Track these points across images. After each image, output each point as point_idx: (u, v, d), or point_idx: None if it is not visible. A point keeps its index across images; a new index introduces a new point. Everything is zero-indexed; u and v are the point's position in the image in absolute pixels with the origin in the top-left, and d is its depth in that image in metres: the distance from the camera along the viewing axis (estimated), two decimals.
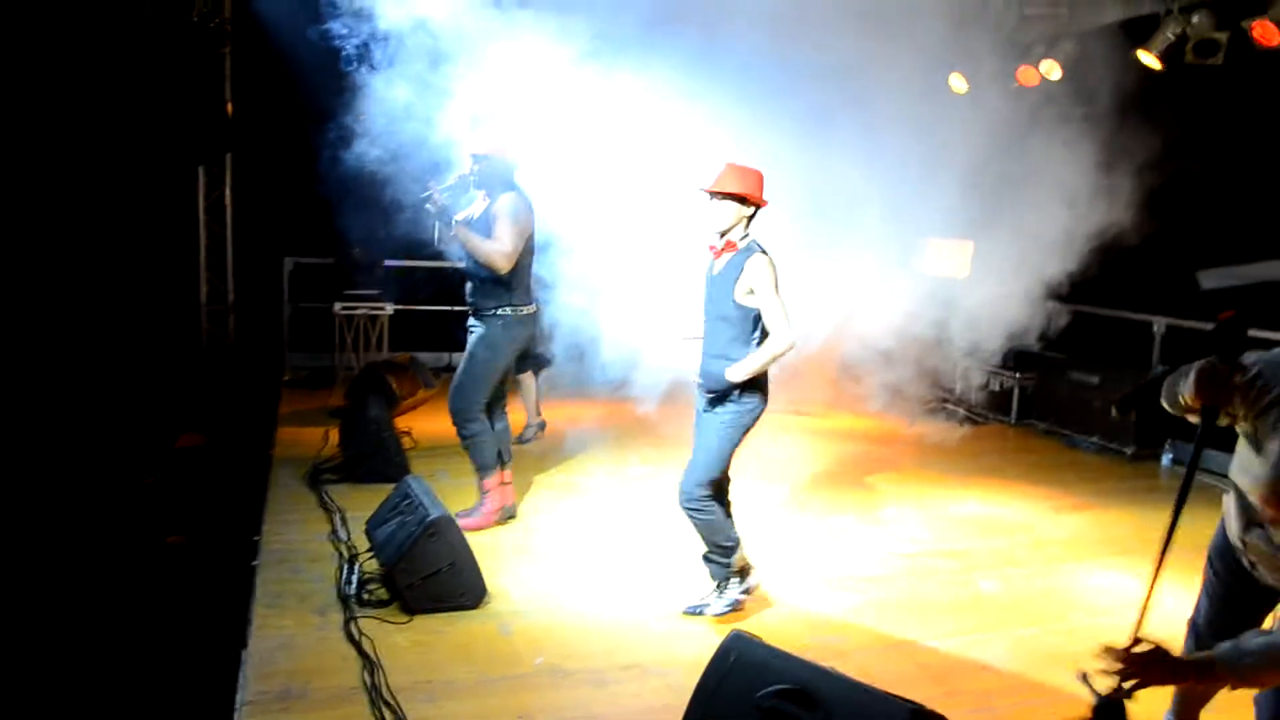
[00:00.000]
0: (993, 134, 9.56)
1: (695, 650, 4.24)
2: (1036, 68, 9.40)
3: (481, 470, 5.90)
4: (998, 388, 9.88)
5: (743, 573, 4.80)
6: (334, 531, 5.72)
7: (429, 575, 4.66)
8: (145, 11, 9.61)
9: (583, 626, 4.67)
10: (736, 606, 4.78)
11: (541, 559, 5.54)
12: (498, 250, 5.54)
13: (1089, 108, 8.81)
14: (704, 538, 4.73)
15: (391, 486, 5.48)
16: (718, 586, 4.81)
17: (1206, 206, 8.79)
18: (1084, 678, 2.74)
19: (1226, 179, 8.65)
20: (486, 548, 5.45)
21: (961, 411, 9.89)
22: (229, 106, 10.35)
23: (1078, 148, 8.78)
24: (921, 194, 10.77)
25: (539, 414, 8.23)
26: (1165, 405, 3.07)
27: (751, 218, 4.53)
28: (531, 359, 7.85)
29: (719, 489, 4.70)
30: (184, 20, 9.76)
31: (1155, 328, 9.02)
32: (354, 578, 4.90)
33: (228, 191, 10.59)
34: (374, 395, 7.48)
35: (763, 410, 4.59)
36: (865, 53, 8.33)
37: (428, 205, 5.63)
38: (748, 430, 4.58)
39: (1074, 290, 9.52)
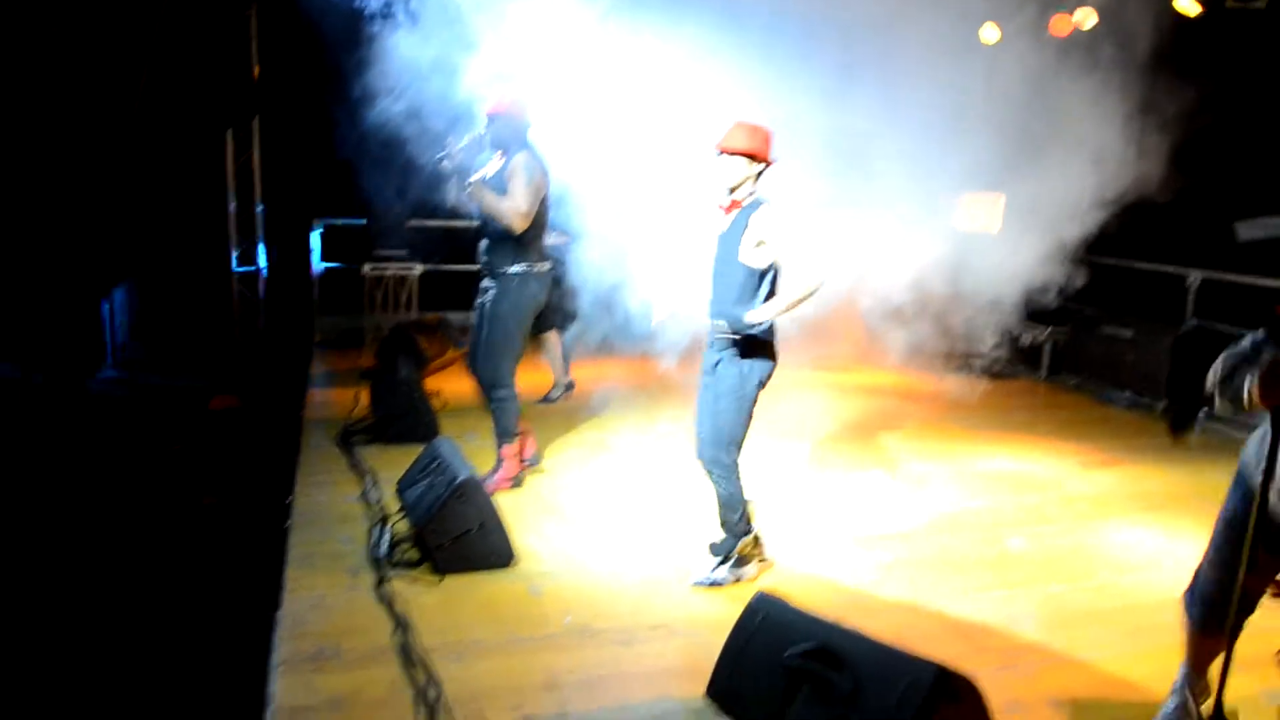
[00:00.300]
0: (1024, 85, 9.41)
1: (722, 610, 4.30)
2: (1070, 16, 9.21)
3: (503, 435, 5.92)
4: (1029, 342, 9.80)
5: (742, 560, 4.76)
6: (365, 493, 5.78)
7: (458, 536, 4.71)
8: None
9: (611, 586, 4.71)
10: (743, 578, 4.74)
11: (570, 519, 5.58)
12: (512, 208, 5.54)
13: (1125, 56, 8.63)
14: (721, 508, 4.70)
15: (422, 447, 5.55)
16: (730, 558, 4.75)
17: (1246, 156, 8.63)
18: None
19: (1268, 127, 8.47)
20: (515, 508, 5.51)
21: (992, 366, 9.81)
22: (255, 69, 10.34)
23: (1112, 98, 8.62)
24: (952, 148, 10.65)
25: (567, 373, 8.23)
26: (1224, 405, 2.89)
27: (760, 175, 4.48)
28: (555, 316, 7.86)
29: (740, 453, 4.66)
30: None
31: (1189, 280, 8.89)
32: (385, 539, 4.95)
33: (255, 155, 10.61)
34: (403, 356, 7.53)
35: (771, 371, 4.55)
36: (892, 5, 8.20)
37: (445, 163, 5.63)
38: (759, 390, 4.54)
39: (1107, 243, 9.39)
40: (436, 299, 10.36)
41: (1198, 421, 8.33)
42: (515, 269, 5.72)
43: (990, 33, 10.10)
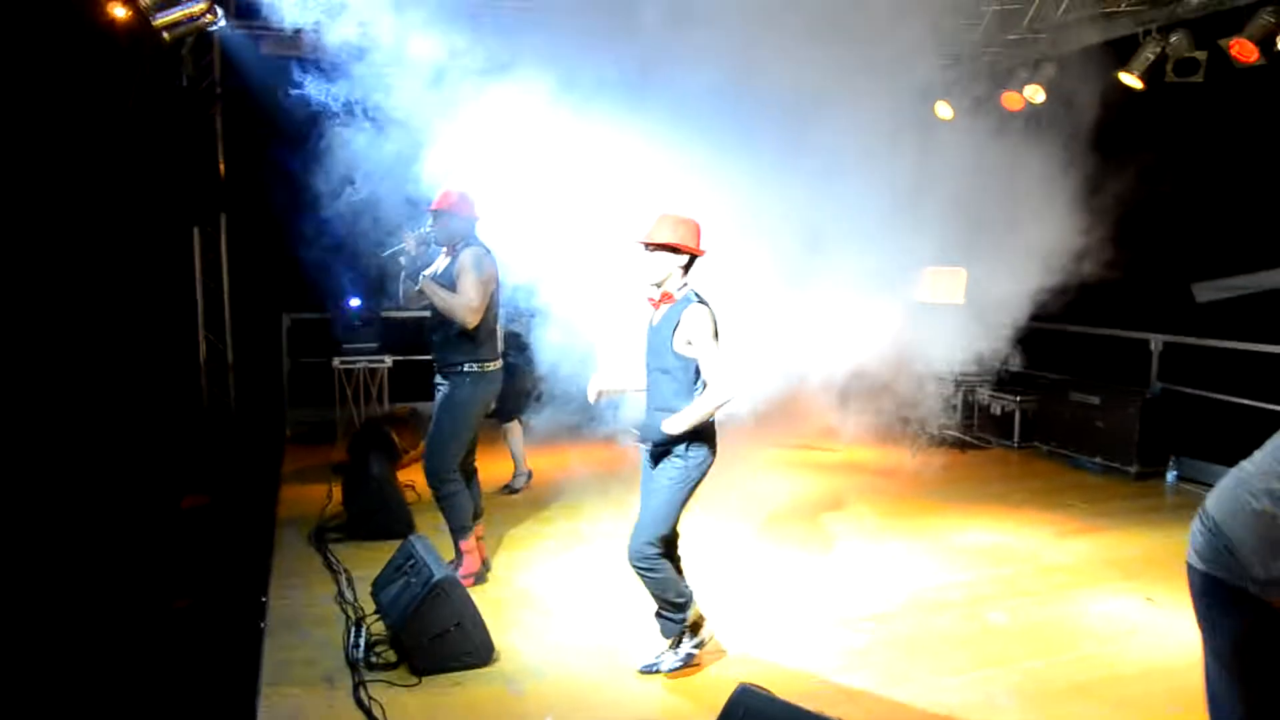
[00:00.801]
0: (980, 159, 9.64)
1: (706, 701, 4.26)
2: (1020, 92, 9.48)
3: (458, 531, 5.88)
4: (999, 411, 9.90)
5: (695, 627, 4.72)
6: (340, 593, 5.71)
7: (436, 636, 4.66)
8: (136, 79, 9.70)
9: (591, 680, 4.66)
10: (690, 662, 4.71)
11: (547, 612, 5.53)
12: (463, 304, 5.57)
13: (1074, 129, 8.89)
14: (655, 595, 4.64)
15: (396, 544, 5.50)
16: (671, 644, 4.72)
17: (1198, 222, 8.84)
18: None
19: (1216, 193, 8.70)
20: (493, 603, 5.45)
21: (965, 437, 9.89)
22: (221, 167, 10.43)
23: (1066, 169, 8.85)
24: (912, 223, 10.85)
25: (525, 463, 8.20)
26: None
27: (688, 267, 4.50)
28: (519, 404, 7.86)
29: (668, 545, 4.63)
30: (173, 85, 9.85)
31: (1153, 345, 9.05)
32: (361, 640, 4.89)
33: (223, 251, 10.65)
34: (375, 452, 7.49)
35: (710, 463, 4.52)
36: (846, 86, 8.38)
37: (400, 259, 5.70)
38: (696, 484, 4.51)
39: (1070, 311, 9.56)
40: (407, 390, 10.33)
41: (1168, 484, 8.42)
42: (467, 368, 5.74)
43: (944, 109, 10.36)
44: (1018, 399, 9.74)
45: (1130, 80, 8.47)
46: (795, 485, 8.31)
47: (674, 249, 4.43)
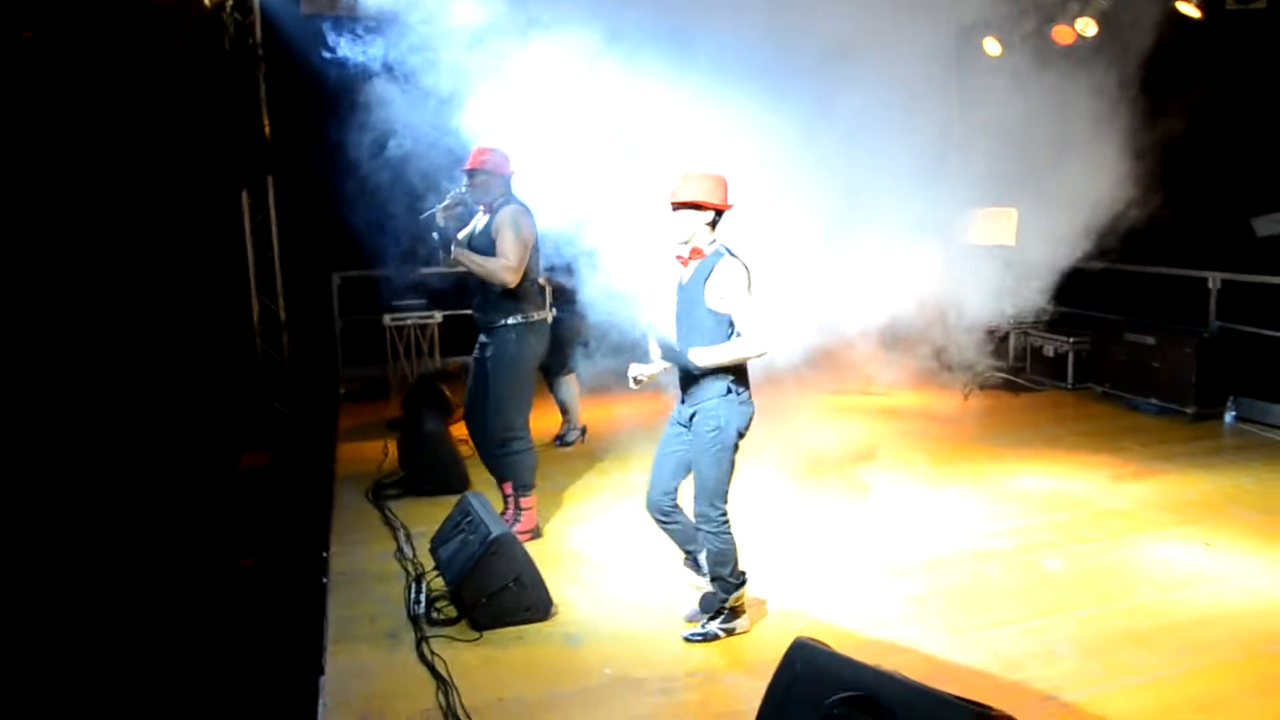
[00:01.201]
0: (1029, 96, 9.45)
1: (762, 654, 4.30)
2: (1071, 25, 9.24)
3: (521, 488, 5.93)
4: (1052, 353, 9.77)
5: (734, 612, 4.64)
6: (399, 549, 5.82)
7: (494, 593, 4.74)
8: (179, 44, 9.76)
9: (648, 633, 4.72)
10: (710, 639, 4.61)
11: (603, 566, 5.60)
12: (503, 265, 5.58)
13: (1128, 62, 8.66)
14: (712, 564, 4.59)
15: (452, 498, 5.60)
16: (708, 615, 4.66)
17: (1257, 155, 8.62)
18: None
19: (1276, 124, 8.46)
20: (549, 557, 5.54)
21: (1018, 380, 9.79)
22: (266, 129, 10.48)
23: (1118, 104, 8.64)
24: (962, 163, 10.68)
25: (579, 417, 8.25)
26: None
27: (716, 223, 4.45)
28: (569, 358, 7.91)
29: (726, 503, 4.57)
30: (216, 49, 9.89)
31: (1210, 283, 8.87)
32: (421, 597, 4.99)
33: (272, 212, 10.74)
34: (429, 409, 7.58)
35: (749, 417, 4.47)
36: (888, 24, 8.21)
37: (432, 232, 5.70)
38: (741, 436, 4.47)
39: (1124, 250, 9.38)
40: (458, 345, 10.40)
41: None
42: (511, 321, 5.75)
43: (992, 46, 10.14)
44: (1071, 340, 9.61)
45: (1187, 9, 8.22)
46: (845, 432, 8.29)
47: (698, 206, 4.38)
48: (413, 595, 5.06)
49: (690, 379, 4.45)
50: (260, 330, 10.90)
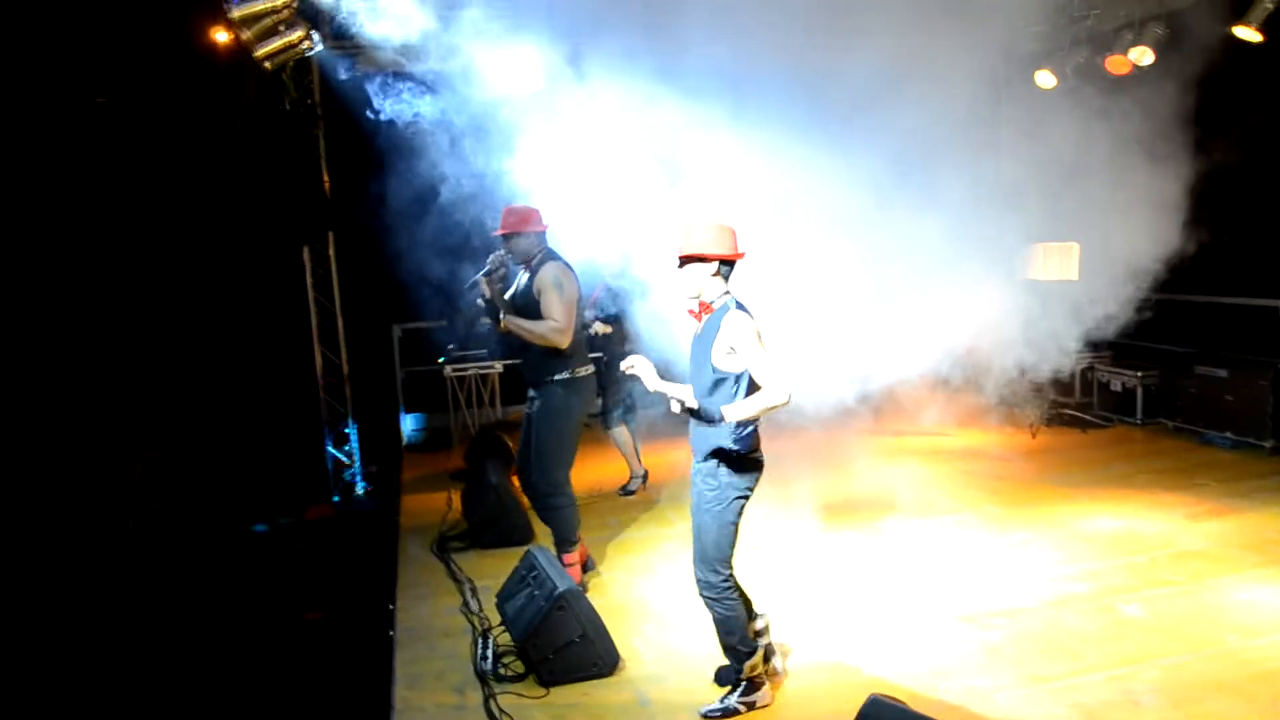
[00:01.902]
0: (1085, 127, 9.35)
1: (836, 710, 4.23)
2: (1126, 55, 9.13)
3: (562, 544, 5.90)
4: (1120, 388, 9.57)
5: (753, 684, 4.46)
6: (465, 604, 5.82)
7: (561, 648, 4.72)
8: (241, 104, 10.01)
9: (717, 688, 4.64)
10: (729, 714, 4.43)
11: (670, 619, 5.53)
12: (550, 328, 5.60)
13: (1186, 89, 8.53)
14: (720, 633, 4.43)
15: (517, 550, 5.61)
16: (727, 689, 4.50)
17: None
18: None
19: None
20: (614, 610, 5.50)
21: (1086, 417, 9.59)
22: (326, 185, 10.68)
23: (1179, 132, 8.51)
24: (1021, 198, 10.57)
25: (640, 464, 8.23)
26: None
27: (726, 274, 4.30)
28: (620, 408, 7.90)
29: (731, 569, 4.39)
30: (277, 109, 10.13)
31: None
32: (489, 653, 4.98)
33: (333, 266, 10.91)
34: (492, 460, 7.60)
35: (753, 483, 4.29)
36: (939, 59, 8.17)
37: (478, 301, 5.75)
38: (742, 505, 4.28)
39: (1191, 280, 9.21)
40: (519, 394, 10.46)
41: None
42: (558, 377, 5.75)
43: (1045, 78, 10.07)
44: (1139, 374, 9.40)
45: (1247, 34, 8.08)
46: (910, 474, 8.17)
47: (703, 258, 4.25)
48: (479, 651, 5.05)
49: (697, 436, 4.31)
50: (324, 383, 11.04)
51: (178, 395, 10.01)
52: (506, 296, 5.82)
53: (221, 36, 8.10)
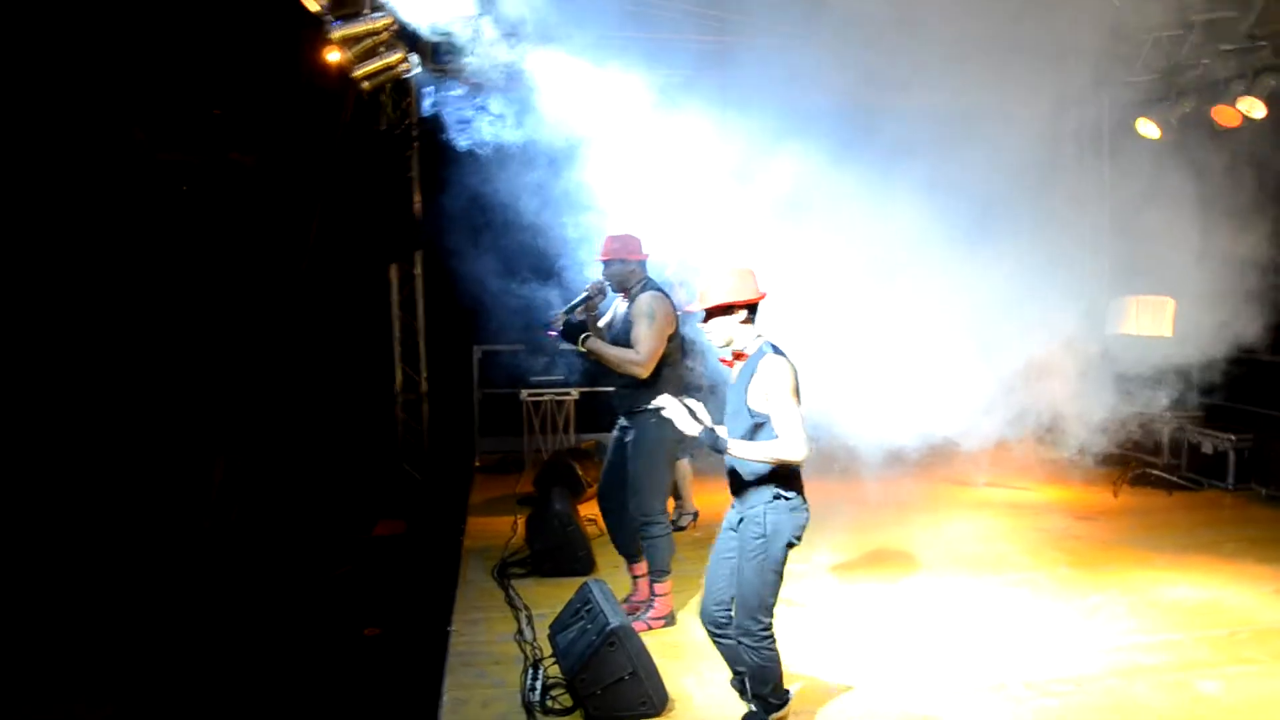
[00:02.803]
0: (1190, 180, 9.10)
1: None
2: (1235, 106, 8.85)
3: (656, 574, 5.87)
4: (1211, 450, 9.20)
5: None
6: (519, 631, 5.81)
7: (610, 684, 4.67)
8: (340, 124, 10.28)
9: None
10: None
11: (719, 658, 5.44)
12: (632, 359, 5.57)
13: None
14: (751, 682, 4.31)
15: (577, 581, 5.57)
16: None
17: None
18: None
19: None
20: (666, 648, 5.44)
21: (1172, 478, 9.25)
22: (417, 206, 10.89)
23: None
24: (1115, 249, 10.32)
25: (691, 501, 8.16)
26: None
27: (749, 319, 4.24)
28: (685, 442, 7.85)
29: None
30: (373, 129, 10.37)
31: None
32: (537, 684, 4.96)
33: (419, 286, 11.10)
34: (558, 488, 7.61)
35: (805, 522, 4.22)
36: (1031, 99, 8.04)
37: (557, 317, 5.74)
38: (792, 546, 4.21)
39: None
40: (593, 422, 10.51)
41: None
42: (654, 406, 5.71)
43: (1148, 128, 9.83)
44: (1233, 437, 9.01)
45: None
46: (985, 527, 7.97)
47: (729, 308, 4.20)
48: (528, 681, 5.03)
49: (738, 482, 4.25)
50: (402, 400, 11.21)
51: (262, 404, 10.26)
52: (601, 324, 5.83)
53: (334, 56, 8.30)
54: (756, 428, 4.12)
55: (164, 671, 6.38)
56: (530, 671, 5.13)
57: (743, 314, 4.22)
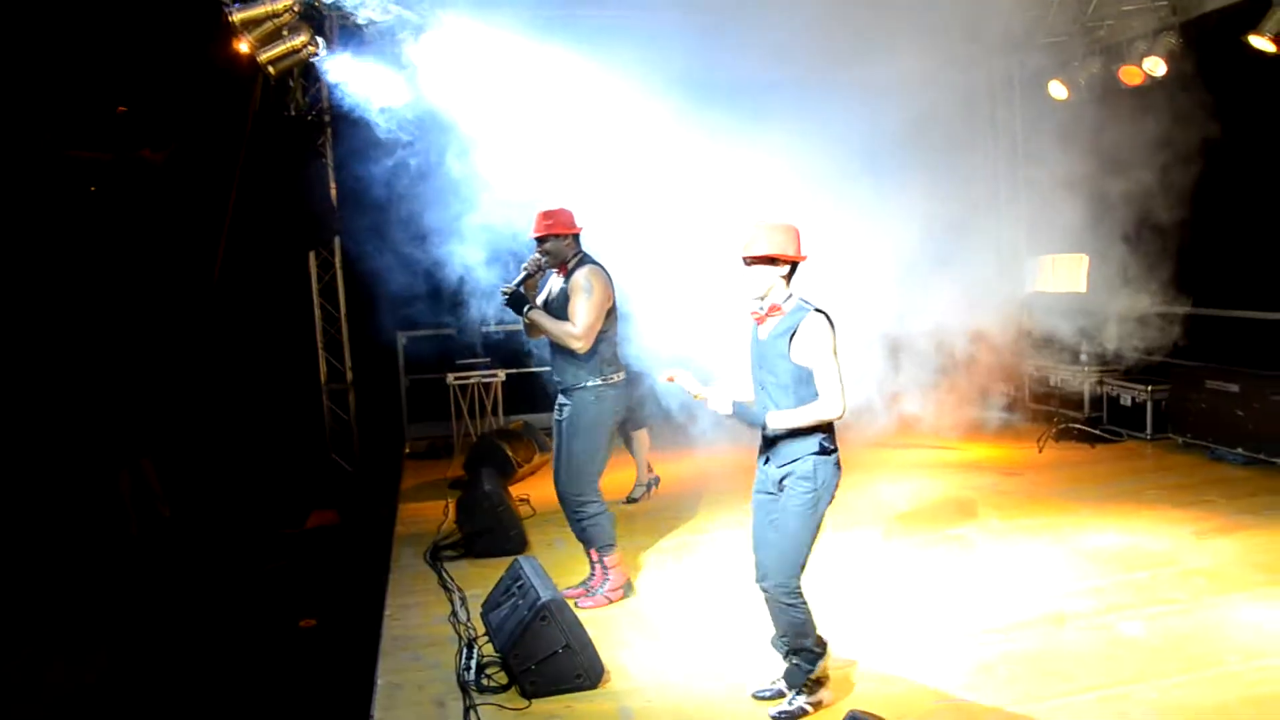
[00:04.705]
0: (1097, 138, 9.28)
1: None
2: (1139, 65, 9.03)
3: (603, 549, 5.81)
4: (1129, 403, 9.41)
5: (819, 683, 4.40)
6: (453, 613, 5.74)
7: (544, 659, 4.63)
8: (249, 113, 10.03)
9: (704, 702, 4.55)
10: (799, 715, 4.36)
11: (658, 630, 5.44)
12: (569, 332, 5.53)
13: (1199, 100, 8.43)
14: (790, 637, 4.35)
15: (510, 560, 5.50)
16: (794, 690, 4.40)
17: None
18: None
19: None
20: (601, 622, 5.41)
21: (1094, 431, 9.45)
22: (333, 192, 10.68)
23: (1191, 144, 8.42)
24: (1031, 210, 10.49)
25: (650, 471, 8.16)
26: None
27: (791, 275, 4.28)
28: (643, 414, 7.84)
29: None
30: (283, 116, 10.13)
31: None
32: (472, 663, 4.90)
33: (339, 273, 10.91)
34: (488, 469, 7.54)
35: (838, 481, 4.27)
36: (955, 66, 8.10)
37: (502, 292, 5.69)
38: (827, 505, 4.25)
39: (1203, 294, 9.08)
40: (521, 403, 10.44)
41: None
42: (590, 383, 5.67)
43: (1058, 89, 9.98)
44: (1149, 388, 9.23)
45: (1261, 43, 7.97)
46: (913, 487, 8.05)
47: (773, 260, 4.22)
48: (463, 661, 4.97)
49: (776, 437, 4.25)
50: (328, 390, 11.02)
51: (185, 402, 10.02)
52: (540, 301, 5.75)
53: (244, 48, 8.07)
54: (800, 379, 4.16)
55: (104, 672, 6.22)
56: (465, 651, 5.07)
57: (785, 269, 4.24)
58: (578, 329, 5.52)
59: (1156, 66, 8.90)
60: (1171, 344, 9.22)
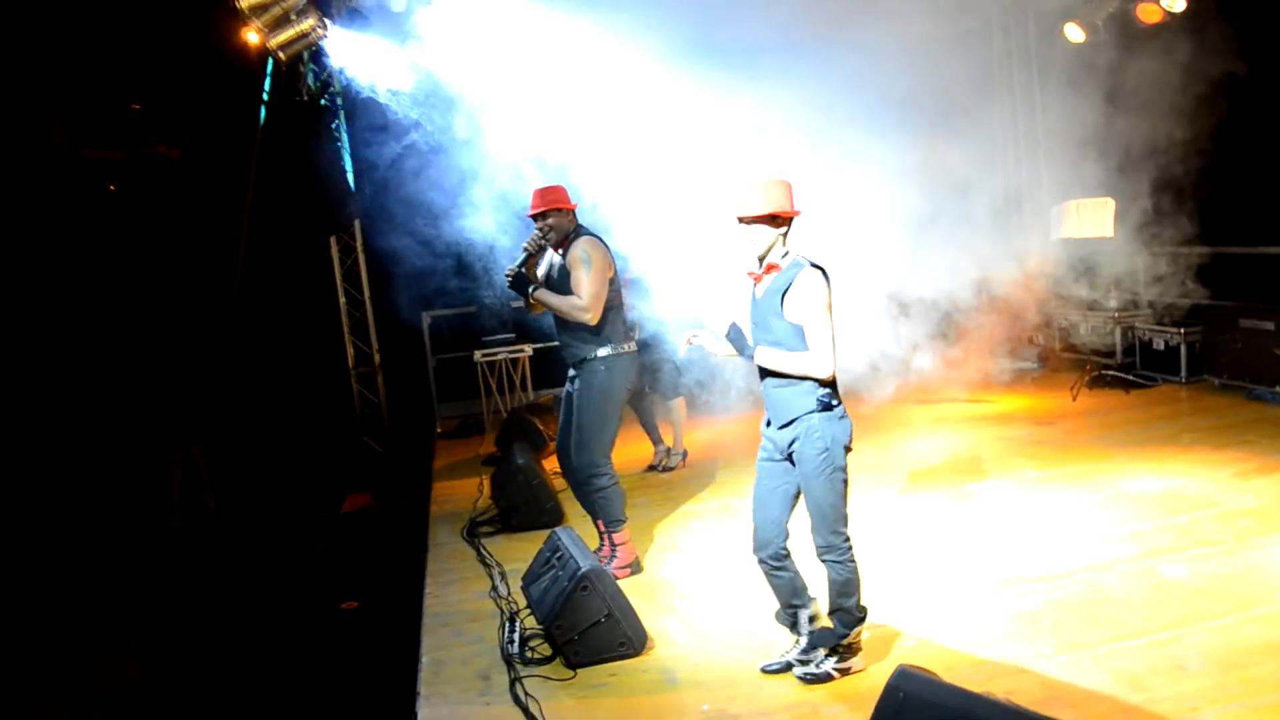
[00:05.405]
0: (1117, 79, 9.10)
1: (864, 685, 4.14)
2: (1158, 3, 8.85)
3: (611, 524, 5.81)
4: (1162, 346, 9.29)
5: (851, 649, 4.35)
6: (493, 588, 5.76)
7: (586, 629, 4.64)
8: (261, 100, 10.01)
9: (746, 665, 4.54)
10: (823, 680, 4.30)
11: (697, 596, 5.45)
12: (576, 305, 5.52)
13: (1222, 36, 8.25)
14: (836, 595, 4.29)
15: (545, 533, 5.51)
16: (825, 653, 4.36)
17: None
18: None
19: None
20: (642, 589, 5.43)
21: (1128, 377, 9.34)
22: (350, 176, 10.66)
23: (1216, 81, 8.24)
24: (1052, 155, 10.33)
25: (681, 442, 8.16)
26: None
27: (787, 233, 4.23)
28: (677, 380, 7.83)
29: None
30: (293, 101, 10.11)
31: None
32: (515, 636, 4.92)
33: (360, 257, 10.92)
34: (520, 443, 7.55)
35: (852, 427, 4.22)
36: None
37: (506, 276, 5.68)
38: (849, 451, 4.21)
39: (1233, 232, 8.92)
40: (550, 378, 10.45)
41: None
42: (600, 354, 5.66)
43: (1074, 31, 9.82)
44: (1182, 331, 9.11)
45: None
46: (949, 441, 8.00)
47: (771, 218, 4.16)
48: (506, 634, 4.99)
49: (778, 396, 4.22)
50: (356, 373, 11.06)
51: (218, 394, 10.08)
52: (540, 275, 5.75)
53: (253, 37, 8.04)
54: (793, 339, 4.13)
55: (148, 664, 6.31)
56: (507, 625, 5.10)
57: (785, 227, 4.21)
58: (584, 300, 5.52)
59: (1175, 3, 8.72)
60: (1202, 284, 9.07)
